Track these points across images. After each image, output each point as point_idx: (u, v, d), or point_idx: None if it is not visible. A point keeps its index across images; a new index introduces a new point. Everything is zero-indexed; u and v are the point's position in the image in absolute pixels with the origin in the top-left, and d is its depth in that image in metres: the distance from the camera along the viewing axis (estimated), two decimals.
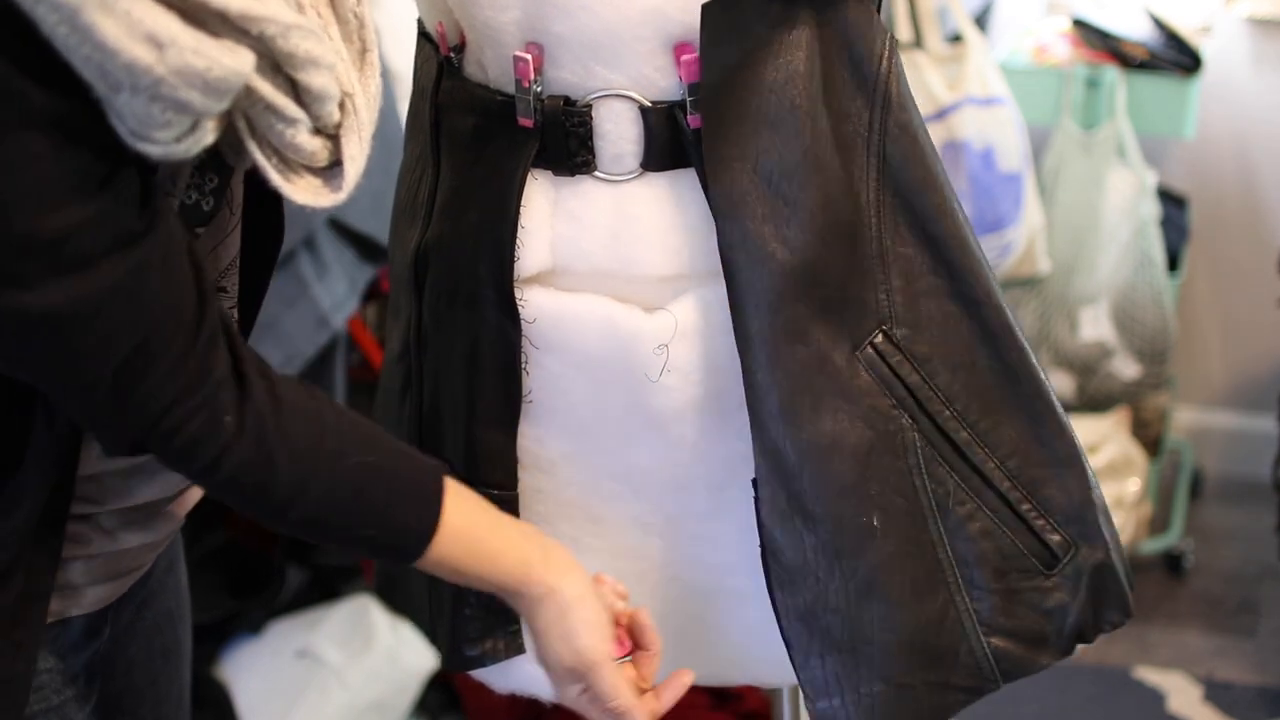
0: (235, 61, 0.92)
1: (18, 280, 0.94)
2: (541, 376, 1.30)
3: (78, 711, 1.22)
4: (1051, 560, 1.30)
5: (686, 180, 1.24)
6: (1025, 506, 1.29)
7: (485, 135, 1.27)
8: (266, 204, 1.21)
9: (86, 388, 1.01)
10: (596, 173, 1.25)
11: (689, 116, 1.22)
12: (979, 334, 1.28)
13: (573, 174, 1.26)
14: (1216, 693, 2.70)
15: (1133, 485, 2.82)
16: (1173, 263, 2.98)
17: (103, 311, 0.97)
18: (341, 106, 1.04)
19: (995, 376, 1.28)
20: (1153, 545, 3.01)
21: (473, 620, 1.37)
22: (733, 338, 1.26)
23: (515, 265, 1.27)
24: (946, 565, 1.28)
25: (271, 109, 0.98)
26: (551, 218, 1.27)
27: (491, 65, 1.26)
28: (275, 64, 0.97)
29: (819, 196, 1.22)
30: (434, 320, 1.34)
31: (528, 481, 1.34)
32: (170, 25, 0.89)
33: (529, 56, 1.22)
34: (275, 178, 1.02)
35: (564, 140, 1.24)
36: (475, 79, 1.28)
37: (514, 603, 1.22)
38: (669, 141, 1.23)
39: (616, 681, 1.21)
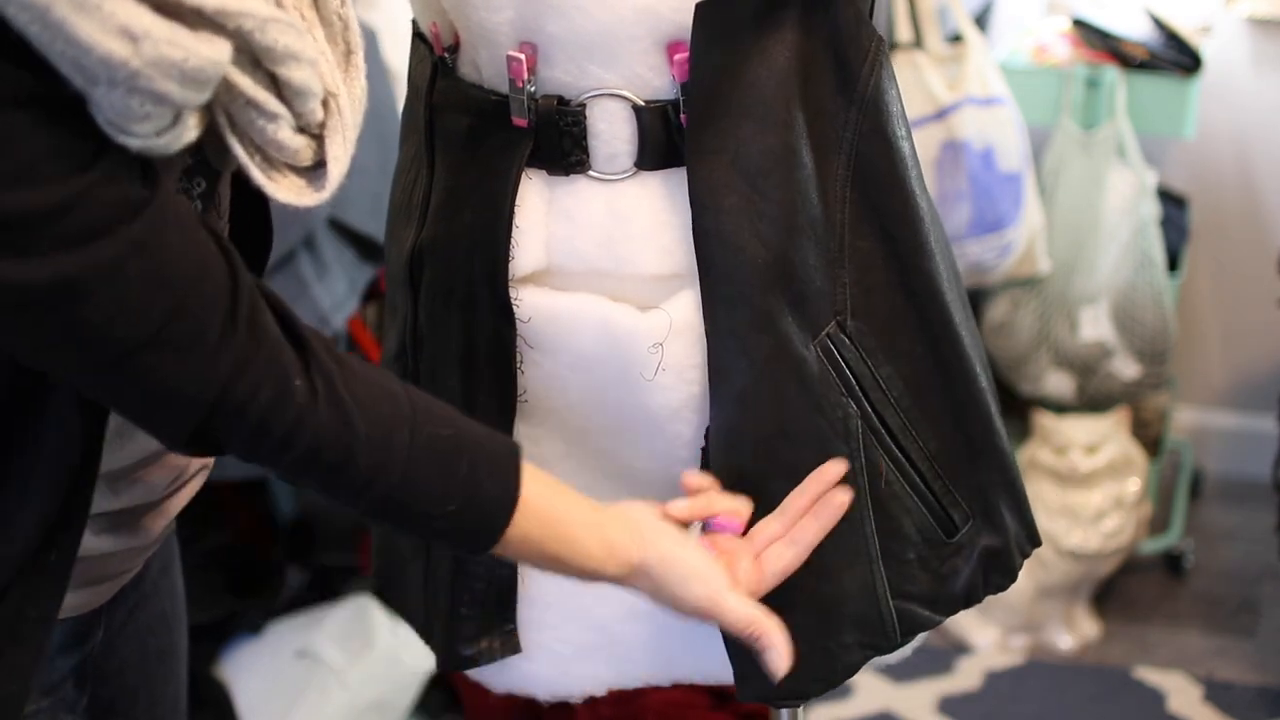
0: (212, 51, 0.92)
1: (20, 252, 0.92)
2: (536, 376, 1.31)
3: (66, 714, 1.22)
4: (952, 529, 1.33)
5: (680, 179, 1.24)
6: (939, 485, 1.32)
7: (480, 135, 1.28)
8: (253, 211, 1.20)
9: (131, 371, 0.98)
10: (591, 172, 1.25)
11: (682, 115, 1.22)
12: (921, 328, 1.29)
13: (567, 173, 1.26)
14: (1216, 693, 2.70)
15: (1133, 485, 2.82)
16: (1173, 263, 2.98)
17: (120, 279, 0.95)
18: (325, 106, 1.04)
19: (929, 368, 1.30)
20: (1153, 545, 3.01)
21: (468, 620, 1.37)
22: None
23: (510, 265, 1.27)
24: (870, 538, 1.30)
25: (252, 104, 0.97)
26: (546, 217, 1.27)
27: (486, 65, 1.26)
28: (255, 59, 0.97)
29: (793, 193, 1.22)
30: (429, 320, 1.34)
31: None
32: (144, 18, 0.88)
33: (523, 56, 1.22)
34: (257, 175, 1.01)
35: (558, 140, 1.24)
36: (469, 79, 1.28)
37: (597, 580, 1.21)
38: (663, 141, 1.23)
39: (739, 612, 1.22)
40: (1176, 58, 2.81)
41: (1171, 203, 3.05)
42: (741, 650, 1.26)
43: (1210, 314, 3.29)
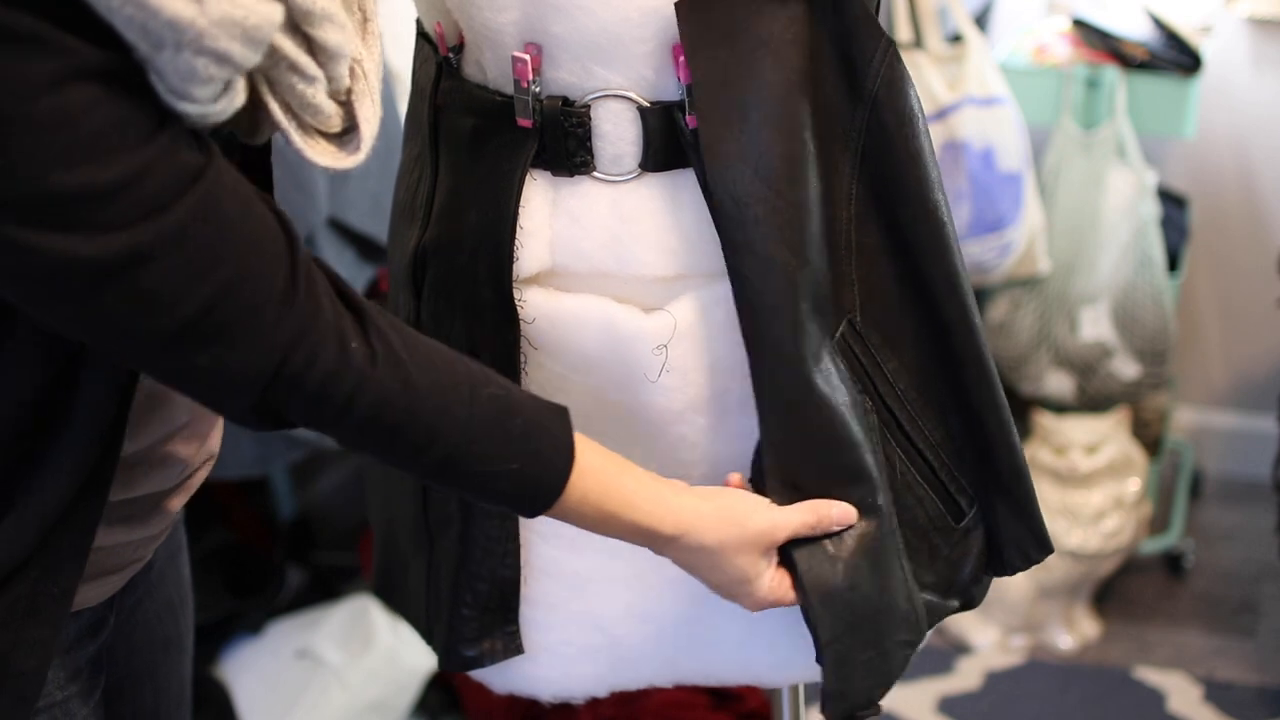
0: (269, 10, 0.94)
1: (89, 227, 0.93)
2: (540, 377, 1.30)
3: (81, 706, 1.22)
4: (959, 514, 1.34)
5: (685, 181, 1.24)
6: (944, 472, 1.33)
7: (484, 136, 1.27)
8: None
9: (195, 340, 0.99)
10: (595, 173, 1.25)
11: (687, 117, 1.22)
12: (929, 321, 1.29)
13: (571, 174, 1.26)
14: (1216, 693, 2.70)
15: (1133, 485, 2.82)
16: (1173, 263, 2.98)
17: (184, 246, 0.96)
18: (351, 72, 1.06)
19: (936, 360, 1.31)
20: (1153, 545, 3.01)
21: (470, 621, 1.37)
22: (731, 338, 1.26)
23: (514, 266, 1.27)
24: (895, 532, 1.31)
25: (293, 67, 1.00)
26: (550, 218, 1.27)
27: (490, 66, 1.26)
28: (294, 22, 0.99)
29: (812, 196, 1.22)
30: (433, 321, 1.34)
31: None
32: None
33: (527, 57, 1.22)
34: (297, 139, 1.03)
35: (563, 141, 1.24)
36: (474, 79, 1.28)
37: (649, 545, 1.22)
38: (668, 142, 1.23)
39: (769, 588, 1.25)
40: (1176, 58, 2.81)
41: (1171, 203, 3.05)
42: (833, 669, 1.27)
43: (1210, 314, 3.29)
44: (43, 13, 0.89)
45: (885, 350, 1.29)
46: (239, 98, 0.97)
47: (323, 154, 1.06)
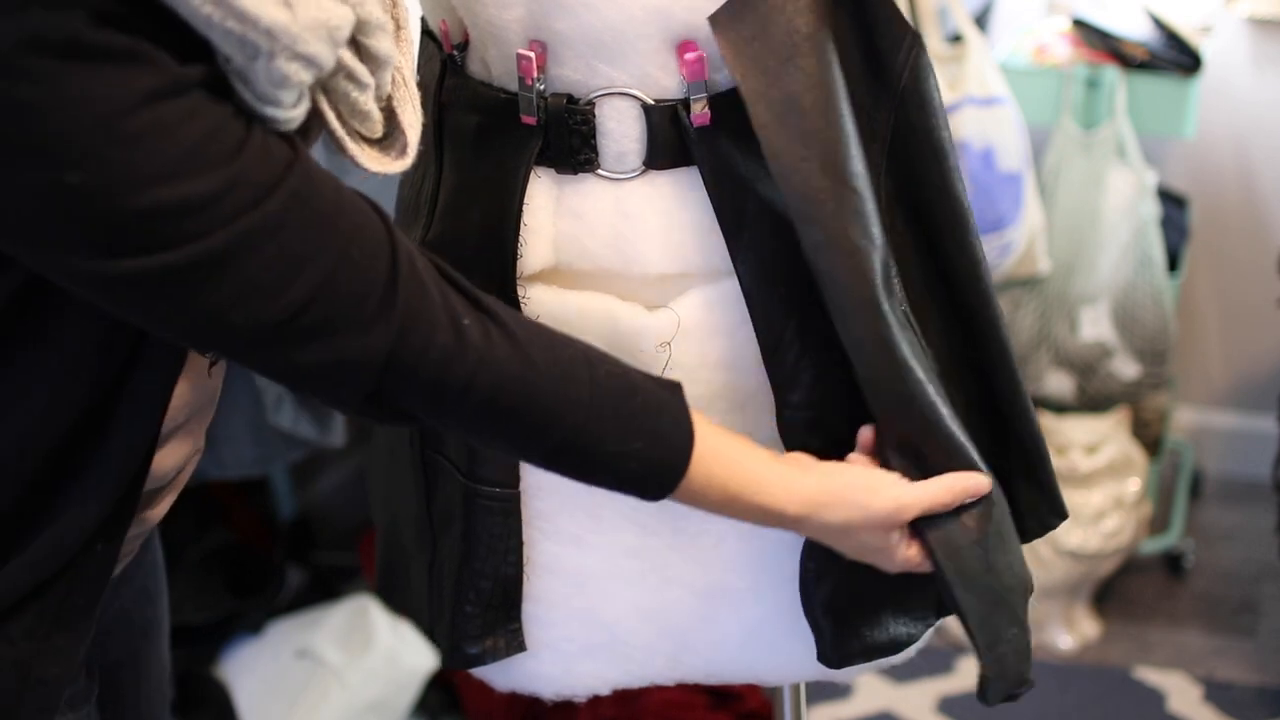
0: (345, 11, 0.97)
1: (193, 236, 0.94)
2: None
3: (84, 703, 1.22)
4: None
5: (689, 179, 1.24)
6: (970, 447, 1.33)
7: (488, 133, 1.27)
8: None
9: (306, 328, 1.00)
10: (599, 171, 1.25)
11: (692, 115, 1.22)
12: (952, 305, 1.31)
13: (575, 172, 1.26)
14: (1216, 693, 2.70)
15: (1133, 485, 2.82)
16: (1173, 263, 2.98)
17: (285, 232, 0.97)
18: (392, 80, 1.08)
19: (959, 341, 1.32)
20: (1153, 545, 3.01)
21: (473, 618, 1.37)
22: (734, 335, 1.26)
23: (518, 263, 1.27)
24: (1004, 502, 1.32)
25: (350, 75, 1.01)
26: (554, 216, 1.27)
27: (495, 63, 1.26)
28: (352, 32, 1.01)
29: (867, 180, 1.23)
30: None
31: (529, 479, 1.34)
32: None
33: (532, 54, 1.22)
34: (351, 146, 1.05)
35: (567, 138, 1.24)
36: (478, 77, 1.28)
37: (774, 525, 1.22)
38: (672, 140, 1.23)
39: (905, 556, 1.26)
40: (1176, 58, 2.81)
41: (1171, 203, 3.05)
42: (988, 652, 1.28)
43: (1210, 314, 3.29)
44: (136, 30, 0.90)
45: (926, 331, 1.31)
46: (305, 102, 0.99)
47: (372, 160, 1.07)
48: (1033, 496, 1.37)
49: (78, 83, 0.89)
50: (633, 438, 1.13)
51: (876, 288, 1.22)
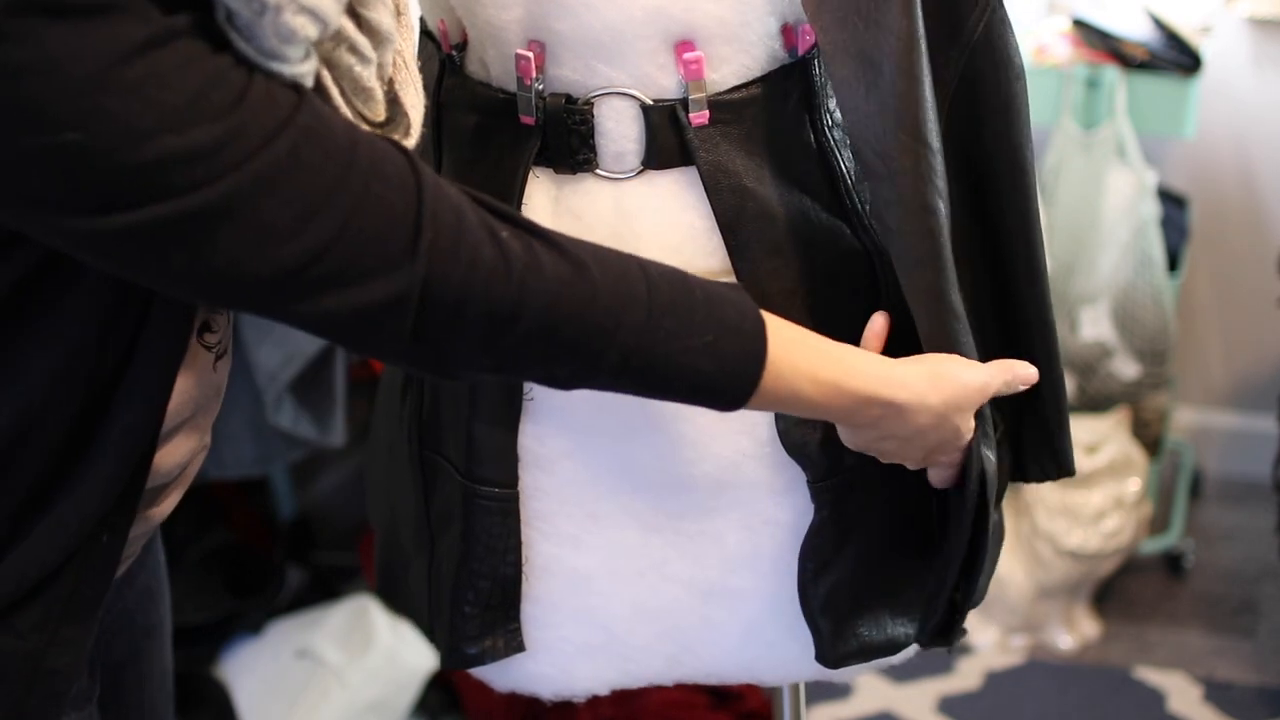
0: None
1: (202, 182, 0.92)
2: None
3: (85, 703, 1.23)
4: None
5: (688, 179, 1.25)
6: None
7: (487, 133, 1.28)
8: None
9: (323, 272, 0.97)
10: (598, 171, 1.25)
11: (691, 115, 1.22)
12: (995, 260, 1.31)
13: (574, 172, 1.26)
14: (1216, 693, 2.70)
15: (1133, 485, 2.82)
16: (1173, 263, 2.98)
17: (299, 167, 0.95)
18: (394, 63, 1.07)
19: (992, 296, 1.33)
20: (1153, 545, 3.01)
21: (472, 619, 1.37)
22: None
23: None
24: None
25: (352, 47, 1.00)
26: (553, 216, 1.27)
27: (493, 63, 1.26)
28: (350, 5, 1.00)
29: (940, 144, 1.22)
30: None
31: (528, 479, 1.34)
32: None
33: (531, 54, 1.22)
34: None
35: (565, 138, 1.24)
36: (477, 77, 1.28)
37: (867, 417, 1.18)
38: (670, 140, 1.23)
39: (967, 441, 1.25)
40: (1176, 58, 2.81)
41: (1171, 203, 3.05)
42: (978, 593, 1.31)
43: (1210, 314, 3.29)
44: None
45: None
46: (314, 60, 0.98)
47: None
48: (1042, 451, 1.40)
49: (66, 40, 0.87)
50: (702, 330, 1.08)
51: (945, 245, 1.22)
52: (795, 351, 1.13)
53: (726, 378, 1.10)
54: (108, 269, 0.97)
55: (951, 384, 1.21)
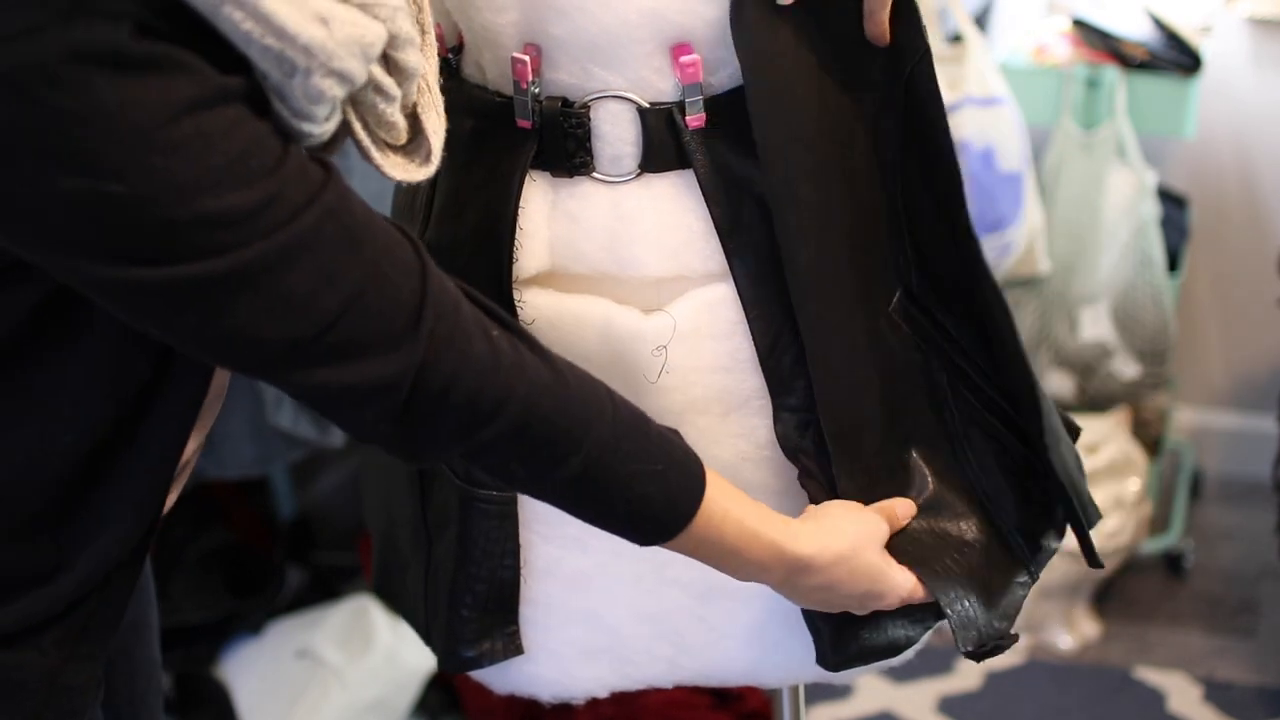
0: (379, 27, 0.98)
1: (233, 246, 0.94)
2: None
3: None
4: (1044, 452, 1.33)
5: (685, 182, 1.25)
6: (1018, 418, 1.33)
7: (483, 137, 1.28)
8: None
9: (337, 342, 1.00)
10: (595, 174, 1.25)
11: (687, 118, 1.22)
12: (969, 269, 1.30)
13: (571, 175, 1.26)
14: (1216, 693, 2.70)
15: (1133, 485, 2.82)
16: (1173, 263, 2.98)
17: (320, 244, 0.98)
18: (418, 87, 1.09)
19: (981, 306, 1.32)
20: (1153, 545, 3.01)
21: (469, 621, 1.37)
22: (731, 338, 1.26)
23: (513, 267, 1.27)
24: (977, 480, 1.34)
25: (378, 88, 1.03)
26: (550, 219, 1.27)
27: (490, 67, 1.26)
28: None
29: (859, 165, 1.26)
30: None
31: None
32: (327, 3, 0.94)
33: (527, 58, 1.22)
34: (376, 156, 1.06)
35: (562, 141, 1.24)
36: (473, 80, 1.28)
37: (780, 570, 1.21)
38: (667, 143, 1.23)
39: (903, 578, 1.28)
40: (1176, 58, 2.81)
41: (1171, 203, 3.05)
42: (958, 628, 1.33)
43: (1210, 314, 3.29)
44: (179, 42, 0.91)
45: (942, 309, 1.31)
46: (339, 116, 1.01)
47: (396, 168, 1.08)
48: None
49: (121, 93, 0.89)
50: (654, 458, 1.14)
51: (846, 279, 1.26)
52: (729, 500, 1.18)
53: (667, 507, 1.16)
54: (118, 314, 0.99)
55: (853, 526, 1.25)
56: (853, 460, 1.28)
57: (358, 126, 1.04)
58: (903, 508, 1.30)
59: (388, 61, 1.03)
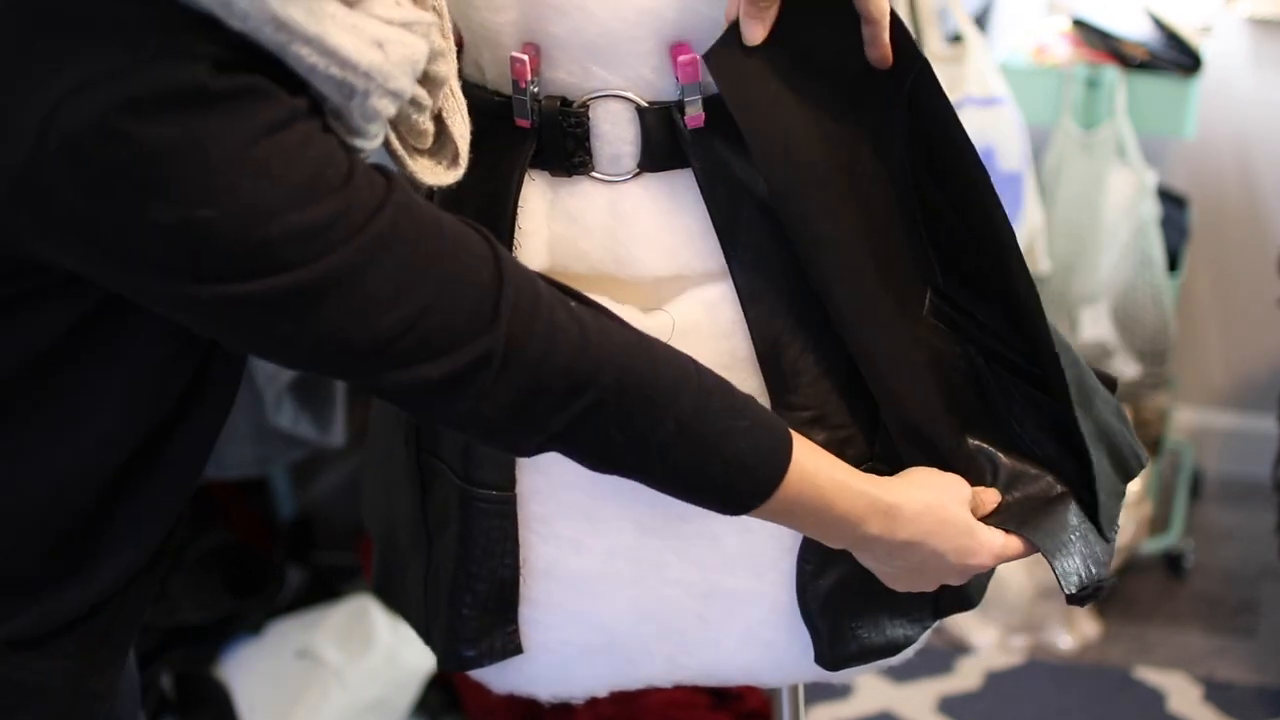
0: (424, 44, 1.02)
1: (314, 257, 0.97)
2: None
3: None
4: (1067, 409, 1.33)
5: (684, 181, 1.25)
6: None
7: (482, 136, 1.27)
8: None
9: (414, 341, 1.02)
10: (594, 173, 1.25)
11: (686, 117, 1.22)
12: (996, 259, 1.29)
13: (570, 174, 1.26)
14: (1216, 693, 2.70)
15: (1133, 485, 2.82)
16: (1173, 263, 2.98)
17: (397, 240, 1.01)
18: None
19: (1008, 288, 1.31)
20: (1153, 545, 3.01)
21: (469, 621, 1.37)
22: (729, 337, 1.26)
23: None
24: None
25: (415, 100, 1.07)
26: (548, 218, 1.27)
27: (489, 66, 1.26)
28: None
29: (867, 171, 1.27)
30: None
31: (525, 482, 1.34)
32: (380, 28, 0.99)
33: (526, 57, 1.22)
34: (410, 163, 1.10)
35: (561, 141, 1.24)
36: (472, 79, 1.28)
37: (870, 521, 1.21)
38: (666, 142, 1.23)
39: (990, 535, 1.26)
40: (1176, 58, 2.81)
41: (1171, 203, 3.05)
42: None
43: (1210, 314, 3.29)
44: (253, 68, 0.94)
45: (970, 298, 1.30)
46: (386, 129, 1.05)
47: (427, 172, 1.12)
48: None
49: (207, 125, 0.93)
50: (741, 414, 1.15)
51: (874, 279, 1.27)
52: (815, 451, 1.19)
53: (761, 462, 1.15)
54: (209, 333, 1.03)
55: (932, 477, 1.26)
56: (930, 460, 1.28)
57: (392, 136, 1.08)
58: (988, 495, 1.30)
59: (424, 74, 1.07)
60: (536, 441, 1.11)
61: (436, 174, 1.13)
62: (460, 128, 1.14)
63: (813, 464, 1.17)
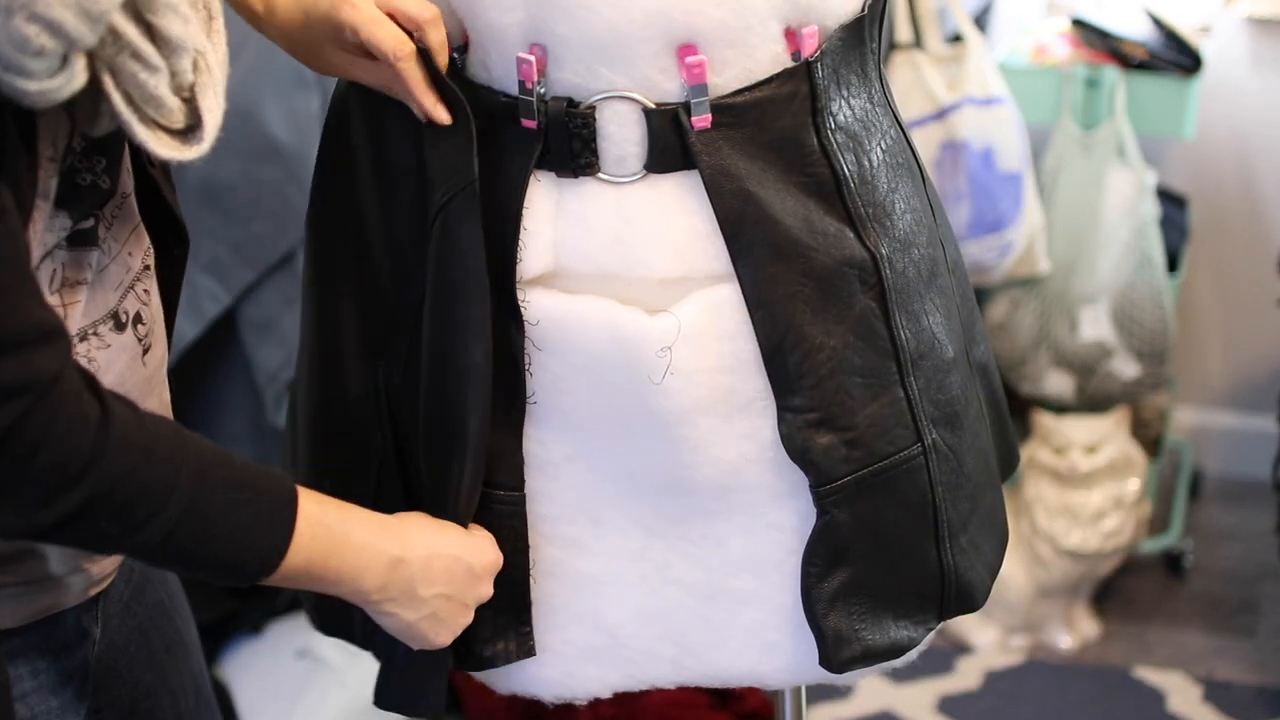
0: None
1: None
2: (544, 378, 1.30)
3: (73, 716, 1.22)
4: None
5: (690, 182, 1.24)
6: None
7: (488, 137, 1.27)
8: (159, 200, 1.23)
9: None
10: (600, 174, 1.25)
11: (693, 119, 1.22)
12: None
13: (576, 175, 1.26)
14: (1216, 693, 2.70)
15: (1133, 485, 2.82)
16: (1173, 263, 2.99)
17: None
18: (195, 66, 1.07)
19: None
20: (1153, 545, 3.02)
21: (484, 621, 1.36)
22: (734, 341, 1.26)
23: (518, 267, 1.27)
24: None
25: (136, 55, 1.01)
26: (554, 219, 1.27)
27: (495, 66, 1.26)
28: (137, 12, 1.01)
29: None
30: None
31: (531, 483, 1.34)
32: None
33: (532, 58, 1.22)
34: (138, 129, 1.04)
35: (567, 142, 1.24)
36: (479, 80, 1.28)
37: (379, 573, 1.21)
38: (673, 144, 1.23)
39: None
40: (1176, 58, 2.81)
41: (1171, 203, 3.05)
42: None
43: (1210, 314, 3.29)
44: None
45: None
46: (78, 79, 0.97)
47: (164, 146, 1.05)
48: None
49: None
50: (246, 486, 1.11)
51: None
52: (328, 507, 1.18)
53: (243, 562, 1.13)
54: None
55: (433, 525, 1.27)
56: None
57: (117, 98, 1.02)
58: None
59: (150, 28, 1.01)
60: (30, 534, 1.06)
61: (179, 150, 1.06)
62: (210, 102, 1.07)
63: (318, 519, 1.16)
